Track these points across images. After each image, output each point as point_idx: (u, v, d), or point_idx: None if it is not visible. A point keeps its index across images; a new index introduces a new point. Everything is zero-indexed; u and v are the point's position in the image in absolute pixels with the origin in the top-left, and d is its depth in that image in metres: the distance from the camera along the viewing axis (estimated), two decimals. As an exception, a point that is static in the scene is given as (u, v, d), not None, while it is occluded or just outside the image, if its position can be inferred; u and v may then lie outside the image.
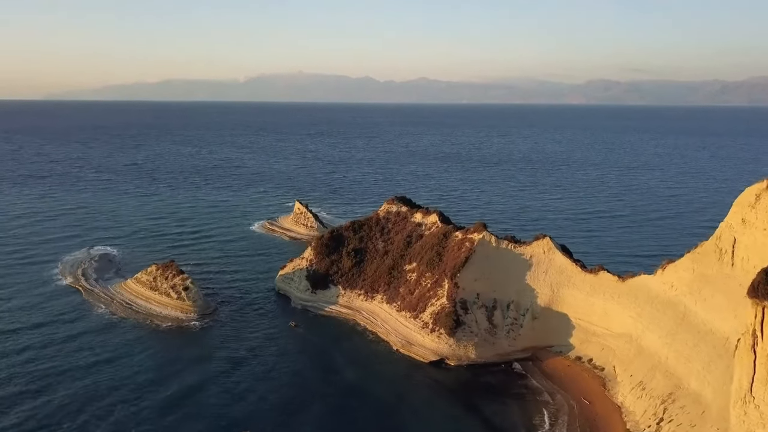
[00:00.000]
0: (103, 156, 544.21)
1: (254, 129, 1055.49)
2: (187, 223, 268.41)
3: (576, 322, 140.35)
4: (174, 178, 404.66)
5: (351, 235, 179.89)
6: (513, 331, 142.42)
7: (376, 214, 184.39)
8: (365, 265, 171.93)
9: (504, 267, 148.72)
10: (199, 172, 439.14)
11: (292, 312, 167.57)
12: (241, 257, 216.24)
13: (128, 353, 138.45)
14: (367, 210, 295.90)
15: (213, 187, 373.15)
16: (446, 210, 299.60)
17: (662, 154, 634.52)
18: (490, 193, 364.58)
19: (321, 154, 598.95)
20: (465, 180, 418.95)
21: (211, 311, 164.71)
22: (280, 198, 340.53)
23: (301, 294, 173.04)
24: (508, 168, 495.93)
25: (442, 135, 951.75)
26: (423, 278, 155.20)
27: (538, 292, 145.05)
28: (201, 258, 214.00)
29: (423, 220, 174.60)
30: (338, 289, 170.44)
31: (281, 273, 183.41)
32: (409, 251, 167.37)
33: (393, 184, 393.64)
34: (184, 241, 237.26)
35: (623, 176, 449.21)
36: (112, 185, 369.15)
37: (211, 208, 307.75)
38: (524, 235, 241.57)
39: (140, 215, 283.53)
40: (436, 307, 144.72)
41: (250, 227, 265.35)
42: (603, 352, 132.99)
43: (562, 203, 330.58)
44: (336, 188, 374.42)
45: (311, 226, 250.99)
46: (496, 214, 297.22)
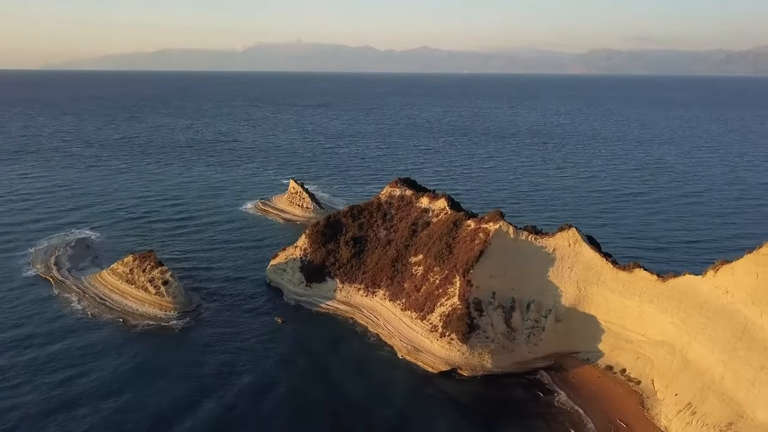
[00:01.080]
0: (95, 129, 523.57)
1: (252, 100, 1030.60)
2: (175, 204, 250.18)
3: (606, 325, 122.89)
4: (166, 154, 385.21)
5: (349, 222, 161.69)
6: (534, 335, 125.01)
7: (377, 199, 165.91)
8: (365, 256, 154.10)
9: (523, 262, 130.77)
10: (193, 147, 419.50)
11: (284, 308, 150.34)
12: (230, 243, 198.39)
13: (93, 360, 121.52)
14: (368, 189, 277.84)
15: (206, 163, 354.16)
16: (452, 189, 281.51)
17: (674, 126, 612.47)
18: (498, 169, 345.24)
19: (320, 127, 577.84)
20: (471, 155, 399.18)
21: (194, 308, 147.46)
22: (276, 174, 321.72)
23: (295, 287, 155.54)
24: (515, 142, 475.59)
25: (444, 106, 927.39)
26: (431, 273, 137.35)
27: (562, 290, 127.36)
28: (187, 244, 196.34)
29: (430, 205, 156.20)
30: (335, 282, 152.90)
31: (273, 263, 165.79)
32: (415, 241, 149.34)
33: (395, 160, 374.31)
34: (170, 224, 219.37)
35: (636, 150, 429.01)
36: (101, 162, 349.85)
37: (203, 185, 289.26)
38: (535, 217, 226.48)
39: (126, 195, 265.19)
40: (446, 307, 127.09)
41: (242, 207, 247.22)
42: (638, 362, 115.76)
43: (574, 181, 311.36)
44: (335, 164, 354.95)
45: (307, 207, 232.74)
46: (505, 194, 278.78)
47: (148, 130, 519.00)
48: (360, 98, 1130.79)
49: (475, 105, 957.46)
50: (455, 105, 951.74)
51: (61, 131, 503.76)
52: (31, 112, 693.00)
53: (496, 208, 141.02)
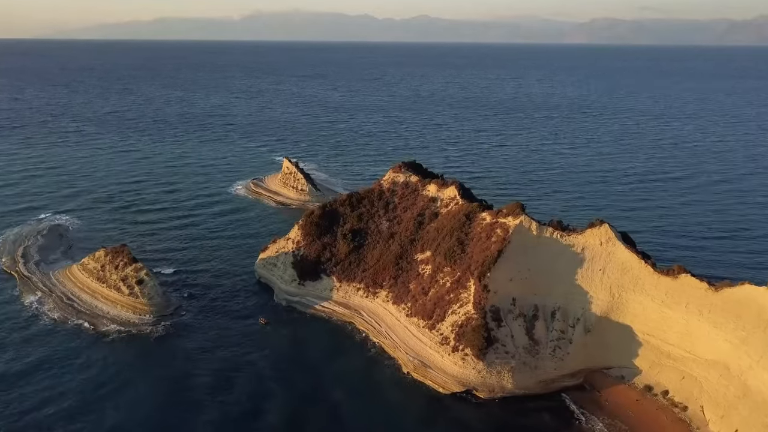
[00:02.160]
0: (85, 102, 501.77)
1: (249, 70, 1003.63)
2: (162, 185, 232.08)
3: (644, 338, 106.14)
4: (158, 129, 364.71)
5: (348, 212, 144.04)
6: (560, 348, 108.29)
7: (378, 185, 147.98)
8: (366, 251, 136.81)
9: (548, 263, 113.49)
10: (186, 121, 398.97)
11: (274, 310, 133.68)
12: (217, 231, 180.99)
13: (49, 379, 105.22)
14: (369, 169, 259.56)
15: (199, 138, 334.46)
16: (459, 170, 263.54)
17: (689, 99, 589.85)
18: (507, 146, 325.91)
19: (320, 99, 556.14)
20: (477, 130, 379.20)
21: (172, 311, 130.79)
22: (270, 151, 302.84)
23: (286, 285, 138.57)
24: (522, 115, 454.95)
25: (448, 77, 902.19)
26: (440, 274, 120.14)
27: (592, 296, 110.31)
28: (169, 232, 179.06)
29: (438, 194, 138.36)
30: (332, 280, 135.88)
31: (262, 256, 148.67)
32: (421, 235, 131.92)
33: (397, 136, 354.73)
34: (154, 209, 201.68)
35: (651, 125, 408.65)
36: (89, 138, 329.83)
37: (193, 164, 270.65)
38: (548, 203, 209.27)
39: (110, 175, 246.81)
40: (458, 316, 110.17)
41: (233, 189, 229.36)
42: (684, 384, 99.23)
43: (588, 160, 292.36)
44: (334, 140, 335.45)
45: (302, 189, 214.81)
46: (514, 174, 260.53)
47: (140, 103, 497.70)
48: (359, 69, 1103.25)
49: (478, 76, 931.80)
50: (458, 76, 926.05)
51: (50, 104, 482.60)
52: (19, 83, 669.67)
53: (515, 201, 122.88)
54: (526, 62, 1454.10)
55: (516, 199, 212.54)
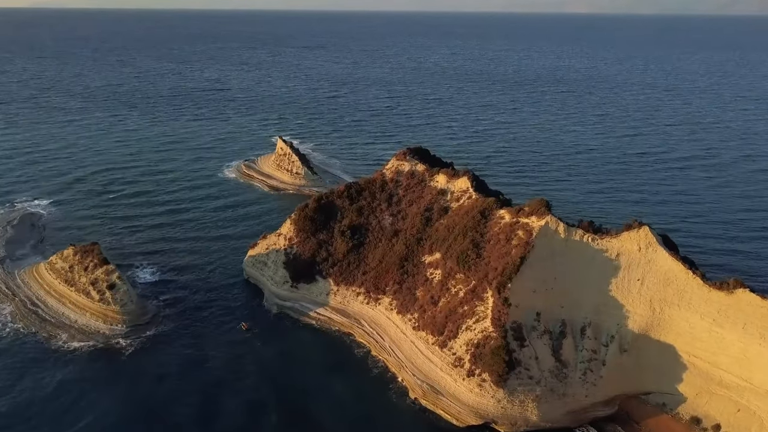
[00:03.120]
0: (77, 75, 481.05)
1: (246, 41, 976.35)
2: (148, 168, 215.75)
3: (690, 360, 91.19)
4: (150, 105, 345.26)
5: (346, 205, 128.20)
6: (591, 371, 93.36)
7: (380, 174, 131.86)
8: (366, 250, 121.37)
9: (577, 271, 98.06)
10: (180, 97, 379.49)
11: (263, 317, 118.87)
12: (203, 221, 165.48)
13: (3, 400, 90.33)
14: (371, 150, 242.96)
15: (191, 115, 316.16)
16: (465, 150, 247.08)
17: (703, 72, 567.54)
18: (515, 125, 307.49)
19: (320, 72, 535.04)
20: (486, 105, 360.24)
21: (148, 319, 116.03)
22: (265, 128, 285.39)
23: (278, 288, 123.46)
24: (531, 90, 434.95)
25: (451, 48, 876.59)
26: (452, 281, 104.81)
27: (629, 310, 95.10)
28: (151, 223, 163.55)
29: (448, 185, 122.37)
30: (328, 283, 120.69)
31: (251, 253, 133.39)
32: (429, 233, 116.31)
33: (401, 112, 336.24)
34: (137, 195, 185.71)
35: (669, 101, 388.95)
36: (76, 115, 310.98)
37: (183, 143, 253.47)
38: (562, 189, 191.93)
39: (94, 156, 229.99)
40: (474, 333, 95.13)
41: (224, 171, 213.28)
42: (740, 417, 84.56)
43: (604, 140, 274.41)
44: (333, 117, 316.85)
45: (296, 173, 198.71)
46: (526, 153, 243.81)
47: (133, 77, 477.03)
48: (361, 39, 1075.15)
49: (483, 47, 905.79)
50: (462, 47, 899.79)
51: (40, 77, 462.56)
52: (8, 55, 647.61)
53: (540, 198, 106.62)
54: (528, 32, 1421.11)
55: (528, 185, 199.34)
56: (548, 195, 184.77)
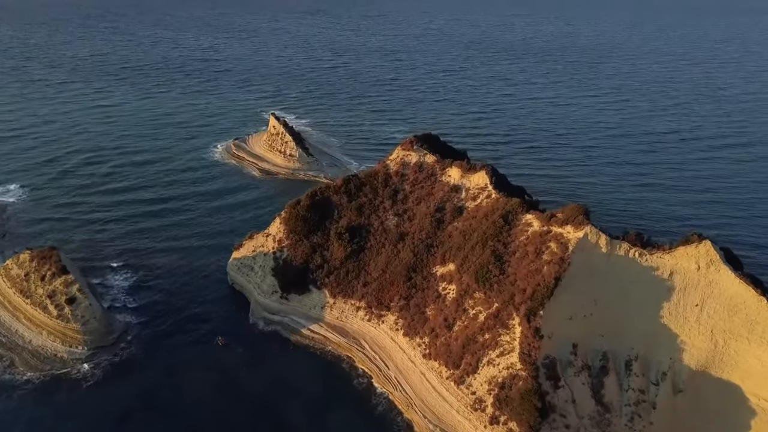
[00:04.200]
0: (65, 43, 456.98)
1: (244, 4, 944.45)
2: (131, 147, 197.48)
3: (759, 404, 75.16)
4: (139, 76, 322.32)
5: (344, 203, 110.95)
6: (639, 416, 77.29)
7: (383, 166, 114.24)
8: (368, 256, 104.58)
9: (621, 293, 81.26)
10: (171, 67, 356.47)
11: (249, 334, 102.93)
12: (185, 213, 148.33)
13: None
14: (373, 125, 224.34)
15: (181, 87, 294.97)
16: (476, 127, 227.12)
17: (721, 39, 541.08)
18: (530, 98, 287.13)
19: (319, 40, 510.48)
20: (494, 77, 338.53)
21: (115, 338, 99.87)
22: (260, 101, 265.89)
23: (266, 299, 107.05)
24: (543, 58, 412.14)
25: (455, 12, 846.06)
26: (469, 299, 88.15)
27: (684, 341, 78.58)
28: (128, 214, 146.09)
29: (462, 181, 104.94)
30: (323, 295, 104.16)
31: (236, 256, 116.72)
32: (441, 238, 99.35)
33: (404, 85, 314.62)
34: (116, 179, 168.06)
35: (688, 71, 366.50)
36: (59, 88, 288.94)
37: (170, 119, 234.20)
38: (583, 178, 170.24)
39: (73, 134, 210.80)
40: (498, 369, 78.78)
41: (212, 152, 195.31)
42: (826, 483, 68.26)
43: (624, 117, 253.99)
44: (332, 89, 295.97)
45: (290, 155, 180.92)
46: (540, 134, 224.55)
47: (125, 45, 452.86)
48: (362, 3, 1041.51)
49: (488, 12, 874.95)
50: (467, 12, 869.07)
51: (24, 46, 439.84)
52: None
53: (576, 203, 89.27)
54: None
55: (543, 169, 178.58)
56: (568, 183, 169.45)
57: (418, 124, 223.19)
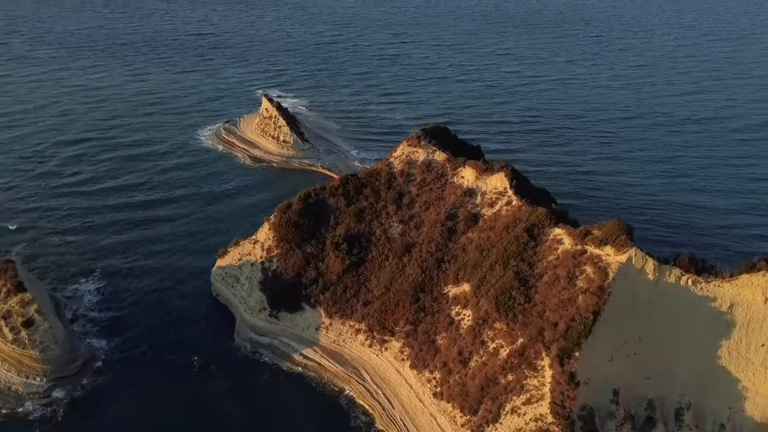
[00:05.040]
0: (55, 15, 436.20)
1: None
2: (114, 133, 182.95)
3: (840, 467, 61.96)
4: (129, 52, 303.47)
5: (342, 206, 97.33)
6: (693, 478, 64.44)
7: (386, 165, 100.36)
8: (368, 270, 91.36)
9: (670, 328, 68.00)
10: (163, 42, 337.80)
11: (234, 359, 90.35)
12: (169, 208, 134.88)
13: None
14: (374, 109, 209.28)
15: (171, 64, 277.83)
16: (485, 110, 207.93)
17: (735, 11, 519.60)
18: (543, 78, 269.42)
19: (319, 11, 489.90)
20: (503, 54, 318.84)
21: (79, 367, 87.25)
22: (255, 79, 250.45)
23: (253, 317, 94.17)
24: (554, 33, 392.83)
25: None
26: (488, 330, 75.07)
27: (747, 387, 65.80)
28: (107, 209, 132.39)
29: (477, 183, 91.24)
30: (318, 314, 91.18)
31: (221, 264, 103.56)
32: (454, 251, 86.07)
33: (408, 63, 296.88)
34: (92, 172, 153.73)
35: (720, 47, 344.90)
36: (42, 65, 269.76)
37: (158, 100, 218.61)
38: (610, 176, 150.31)
39: (53, 117, 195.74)
40: (524, 420, 66.16)
41: (200, 136, 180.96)
42: None
43: (652, 100, 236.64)
44: (334, 67, 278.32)
45: (284, 141, 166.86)
46: (558, 118, 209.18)
47: (116, 19, 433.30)
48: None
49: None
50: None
51: (9, 18, 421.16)
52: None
53: (616, 220, 75.20)
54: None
55: (562, 164, 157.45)
56: (592, 182, 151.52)
57: (422, 107, 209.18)
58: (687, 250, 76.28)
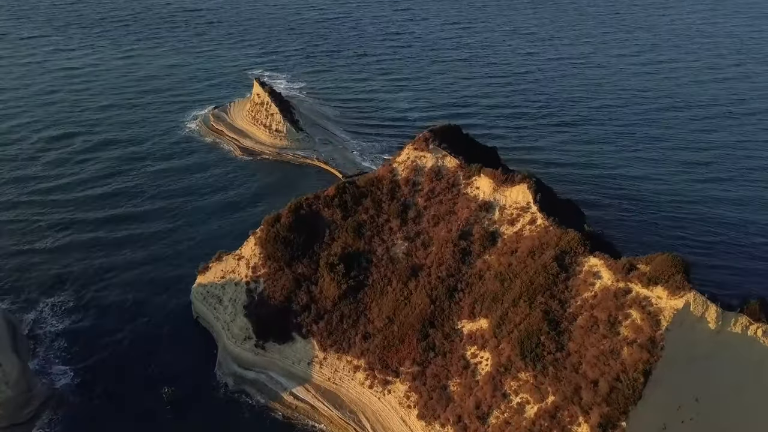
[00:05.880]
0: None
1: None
2: (91, 120, 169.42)
3: None
4: (118, 27, 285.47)
5: (338, 219, 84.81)
6: None
7: (389, 171, 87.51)
8: (369, 297, 79.27)
9: (735, 386, 55.97)
10: (157, 17, 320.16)
11: (214, 395, 78.78)
12: (148, 209, 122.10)
13: None
14: (375, 94, 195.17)
15: (159, 41, 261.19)
16: (495, 99, 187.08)
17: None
18: (556, 59, 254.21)
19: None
20: (512, 31, 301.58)
21: (32, 413, 75.55)
22: (248, 58, 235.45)
23: (236, 346, 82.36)
24: (563, 3, 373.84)
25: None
26: (511, 379, 63.17)
27: (830, 462, 53.52)
28: (69, 220, 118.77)
29: (495, 196, 78.60)
30: (311, 346, 79.27)
31: (201, 281, 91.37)
32: (468, 277, 73.85)
33: (412, 41, 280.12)
34: (63, 167, 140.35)
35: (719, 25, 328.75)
36: (21, 42, 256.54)
37: (145, 82, 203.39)
38: (641, 181, 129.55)
39: (26, 98, 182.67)
40: (556, 502, 54.08)
41: (186, 124, 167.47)
42: None
43: (683, 86, 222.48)
44: (334, 46, 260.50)
45: (277, 130, 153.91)
46: (575, 106, 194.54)
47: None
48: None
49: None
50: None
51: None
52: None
53: (669, 254, 62.38)
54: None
55: (585, 166, 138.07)
56: (612, 179, 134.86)
57: (428, 93, 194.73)
58: (756, 293, 63.81)
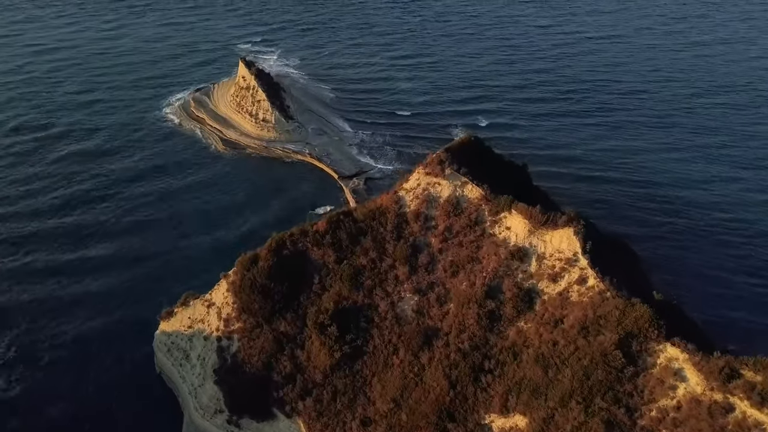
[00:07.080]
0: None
1: None
2: (61, 105, 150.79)
3: None
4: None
5: (330, 262, 67.51)
6: None
7: (394, 201, 69.74)
8: (368, 367, 62.77)
9: None
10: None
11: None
12: (113, 225, 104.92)
13: None
14: (374, 75, 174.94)
15: (139, 12, 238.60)
16: (506, 91, 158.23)
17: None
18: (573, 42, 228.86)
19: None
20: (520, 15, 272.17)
21: None
22: (237, 31, 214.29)
23: (205, 420, 66.34)
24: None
25: None
26: None
27: None
28: (13, 236, 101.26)
29: (532, 240, 61.04)
30: (296, 427, 62.98)
31: (165, 328, 74.56)
32: (498, 352, 56.75)
33: (418, 10, 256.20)
34: (23, 162, 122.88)
35: None
36: None
37: (121, 57, 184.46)
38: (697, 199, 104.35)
39: None
40: None
41: (165, 110, 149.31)
42: None
43: (732, 74, 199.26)
44: (330, 19, 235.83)
45: (264, 120, 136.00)
46: (599, 94, 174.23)
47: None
48: None
49: None
50: None
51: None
52: None
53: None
54: None
55: (623, 170, 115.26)
56: (648, 189, 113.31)
57: (436, 73, 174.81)
58: None
